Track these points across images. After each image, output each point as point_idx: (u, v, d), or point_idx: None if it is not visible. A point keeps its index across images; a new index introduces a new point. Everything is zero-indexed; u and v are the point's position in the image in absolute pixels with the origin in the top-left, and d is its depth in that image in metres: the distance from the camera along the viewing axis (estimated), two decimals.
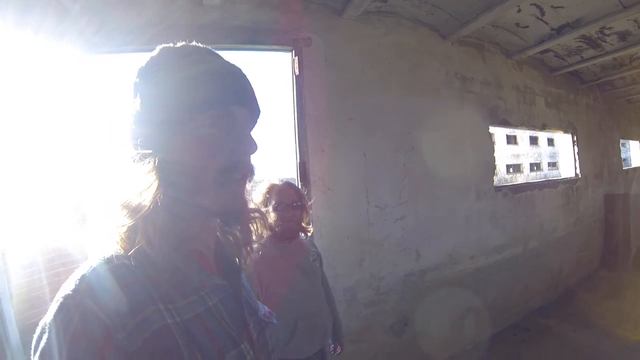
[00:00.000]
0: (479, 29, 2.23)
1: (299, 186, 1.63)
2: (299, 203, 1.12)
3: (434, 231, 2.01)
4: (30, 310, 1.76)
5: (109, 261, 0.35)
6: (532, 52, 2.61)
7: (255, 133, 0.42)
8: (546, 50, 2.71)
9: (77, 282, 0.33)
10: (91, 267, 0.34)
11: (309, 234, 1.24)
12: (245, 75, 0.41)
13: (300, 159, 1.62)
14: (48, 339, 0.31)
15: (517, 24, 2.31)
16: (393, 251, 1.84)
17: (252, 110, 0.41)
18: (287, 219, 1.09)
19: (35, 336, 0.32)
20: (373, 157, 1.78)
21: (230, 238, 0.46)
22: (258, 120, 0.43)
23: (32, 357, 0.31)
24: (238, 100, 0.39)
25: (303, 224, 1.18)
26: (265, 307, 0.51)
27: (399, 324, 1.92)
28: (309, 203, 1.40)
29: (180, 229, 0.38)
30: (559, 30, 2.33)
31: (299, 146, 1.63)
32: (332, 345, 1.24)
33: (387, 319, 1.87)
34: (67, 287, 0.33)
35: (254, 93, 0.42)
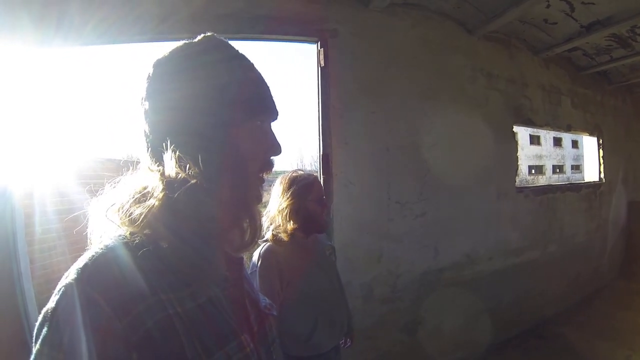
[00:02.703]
0: (506, 25, 2.22)
1: (321, 178, 1.67)
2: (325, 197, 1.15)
3: (453, 230, 2.03)
4: (51, 291, 1.85)
5: (112, 249, 0.35)
6: (559, 50, 2.60)
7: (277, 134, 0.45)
8: (574, 49, 2.68)
9: (80, 271, 0.33)
10: (94, 255, 0.35)
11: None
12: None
13: (323, 151, 1.66)
14: (49, 327, 0.31)
15: (546, 20, 2.29)
16: (411, 248, 1.88)
17: (277, 114, 0.45)
18: (322, 213, 1.11)
19: (38, 324, 0.32)
20: (396, 152, 1.81)
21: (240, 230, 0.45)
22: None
23: (33, 344, 0.32)
24: (271, 107, 0.44)
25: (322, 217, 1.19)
26: (266, 299, 0.52)
27: (413, 323, 1.96)
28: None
29: (197, 215, 0.38)
30: (589, 28, 2.30)
31: (323, 138, 1.67)
32: (343, 339, 1.26)
33: (402, 316, 1.91)
34: (70, 275, 0.33)
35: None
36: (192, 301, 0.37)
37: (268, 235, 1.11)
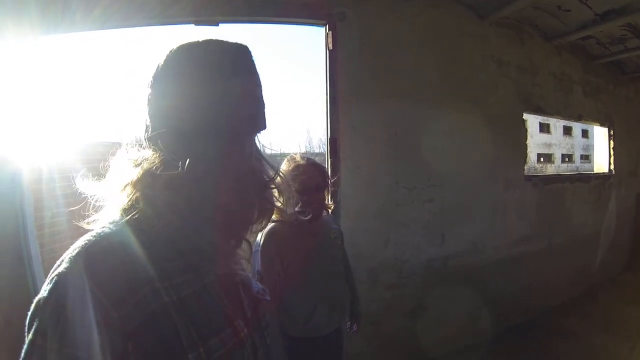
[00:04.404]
0: (518, 10, 2.19)
1: (328, 162, 1.68)
2: (322, 184, 1.12)
3: (460, 217, 2.05)
4: None
5: (106, 237, 0.35)
6: (572, 38, 2.56)
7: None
8: (588, 37, 2.64)
9: (73, 259, 0.33)
10: (87, 243, 0.34)
11: (330, 211, 1.26)
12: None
13: (331, 135, 1.68)
14: (42, 317, 0.31)
15: (559, 7, 2.26)
16: (418, 234, 1.90)
17: (265, 128, 0.45)
18: (312, 201, 1.09)
19: (30, 313, 0.32)
20: (404, 137, 1.82)
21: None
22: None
23: (26, 334, 0.31)
24: (262, 125, 0.44)
25: (325, 202, 1.18)
26: (259, 284, 0.52)
27: (418, 309, 1.99)
28: (333, 180, 1.44)
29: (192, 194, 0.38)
30: (603, 16, 2.27)
31: (330, 122, 1.68)
32: (349, 323, 1.29)
33: (407, 302, 1.94)
34: (62, 263, 0.33)
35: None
36: (187, 288, 0.37)
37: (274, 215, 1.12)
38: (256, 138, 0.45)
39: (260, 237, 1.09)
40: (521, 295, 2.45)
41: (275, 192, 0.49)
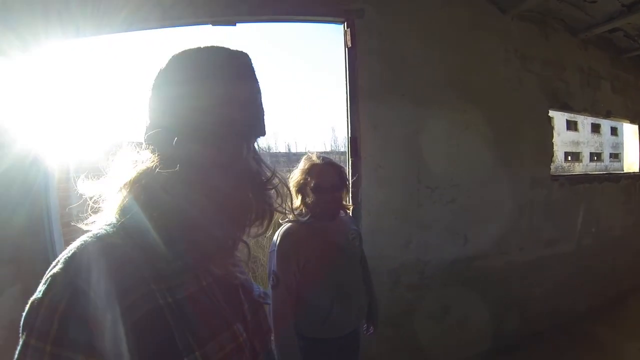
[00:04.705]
0: (541, 3, 2.12)
1: (349, 162, 1.66)
2: (339, 184, 1.11)
3: (484, 217, 1.99)
4: None
5: (102, 238, 0.35)
6: (599, 31, 2.45)
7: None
8: (615, 29, 2.52)
9: (68, 260, 0.33)
10: (83, 244, 0.34)
11: (349, 212, 1.25)
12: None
13: (351, 135, 1.65)
14: (36, 318, 0.31)
15: None
16: (441, 235, 1.85)
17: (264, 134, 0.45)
18: (327, 201, 1.08)
19: (25, 314, 0.32)
20: (426, 135, 1.78)
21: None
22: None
23: (20, 335, 0.31)
24: (261, 131, 0.44)
25: (344, 202, 1.17)
26: (260, 287, 0.51)
27: (440, 312, 1.94)
28: (352, 180, 1.40)
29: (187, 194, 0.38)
30: (631, 7, 2.16)
31: (351, 121, 1.66)
32: (365, 325, 1.26)
33: (429, 305, 1.89)
34: (57, 264, 0.33)
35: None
36: (184, 290, 0.37)
37: (290, 215, 1.11)
38: (255, 142, 0.44)
39: (276, 237, 1.09)
40: (547, 299, 2.35)
41: (276, 194, 0.48)
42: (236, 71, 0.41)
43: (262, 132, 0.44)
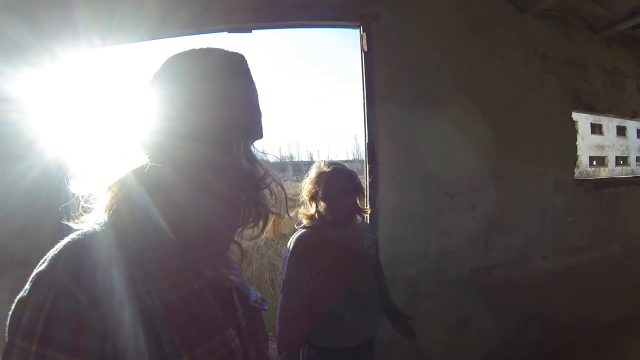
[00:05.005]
0: (561, 1, 2.05)
1: (367, 168, 1.64)
2: (349, 189, 1.09)
3: (505, 225, 1.93)
4: None
5: (90, 236, 0.34)
6: (622, 27, 2.36)
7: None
8: (639, 25, 2.42)
9: (54, 258, 0.32)
10: (70, 242, 0.34)
11: (366, 216, 1.24)
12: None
13: (368, 140, 1.63)
14: (22, 317, 0.30)
15: None
16: (461, 243, 1.80)
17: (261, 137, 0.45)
18: (337, 208, 1.07)
19: (10, 313, 0.31)
20: (445, 140, 1.74)
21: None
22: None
23: (6, 334, 0.31)
24: (259, 133, 0.43)
25: (359, 206, 1.15)
26: (258, 293, 0.50)
27: (459, 322, 1.88)
28: (369, 186, 1.37)
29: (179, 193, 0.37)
30: None
31: (368, 126, 1.63)
32: (401, 332, 1.24)
33: (447, 315, 1.84)
34: (44, 263, 0.32)
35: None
36: (174, 292, 0.36)
37: (305, 221, 1.12)
38: (251, 143, 0.44)
39: (290, 243, 1.09)
40: (572, 310, 2.25)
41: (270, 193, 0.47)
42: (230, 71, 0.40)
43: (259, 134, 0.43)
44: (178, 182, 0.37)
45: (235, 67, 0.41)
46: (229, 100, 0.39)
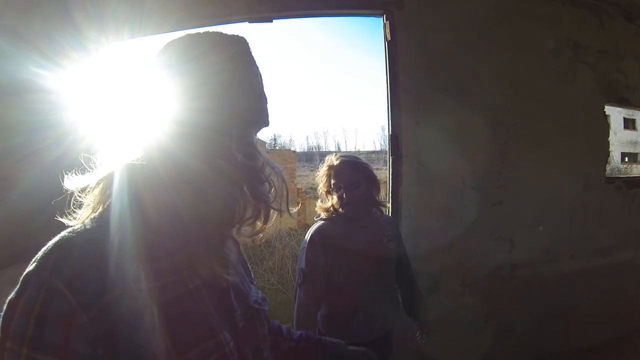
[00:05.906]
0: None
1: (390, 160, 1.60)
2: (358, 180, 1.07)
3: (532, 222, 1.86)
4: None
5: (80, 234, 0.33)
6: None
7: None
8: None
9: (44, 258, 0.32)
10: (60, 241, 0.33)
11: (385, 209, 1.20)
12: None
13: (392, 132, 1.60)
14: (12, 319, 0.30)
15: None
16: (485, 239, 1.75)
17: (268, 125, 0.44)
18: (347, 200, 1.05)
19: (2, 314, 0.31)
20: (471, 133, 1.69)
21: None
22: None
23: None
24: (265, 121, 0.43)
25: (376, 199, 1.13)
26: (259, 292, 0.48)
27: (481, 321, 1.83)
28: (391, 179, 1.33)
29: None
30: None
31: (392, 118, 1.60)
32: (418, 333, 1.21)
33: (469, 313, 1.80)
34: (34, 263, 0.32)
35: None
36: (167, 293, 0.35)
37: (322, 214, 1.12)
38: (256, 132, 0.42)
39: (307, 234, 1.09)
40: (600, 312, 2.17)
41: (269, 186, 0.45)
42: (234, 56, 0.39)
43: (266, 122, 0.41)
44: (172, 177, 0.36)
45: (236, 51, 0.39)
46: (233, 89, 0.38)
